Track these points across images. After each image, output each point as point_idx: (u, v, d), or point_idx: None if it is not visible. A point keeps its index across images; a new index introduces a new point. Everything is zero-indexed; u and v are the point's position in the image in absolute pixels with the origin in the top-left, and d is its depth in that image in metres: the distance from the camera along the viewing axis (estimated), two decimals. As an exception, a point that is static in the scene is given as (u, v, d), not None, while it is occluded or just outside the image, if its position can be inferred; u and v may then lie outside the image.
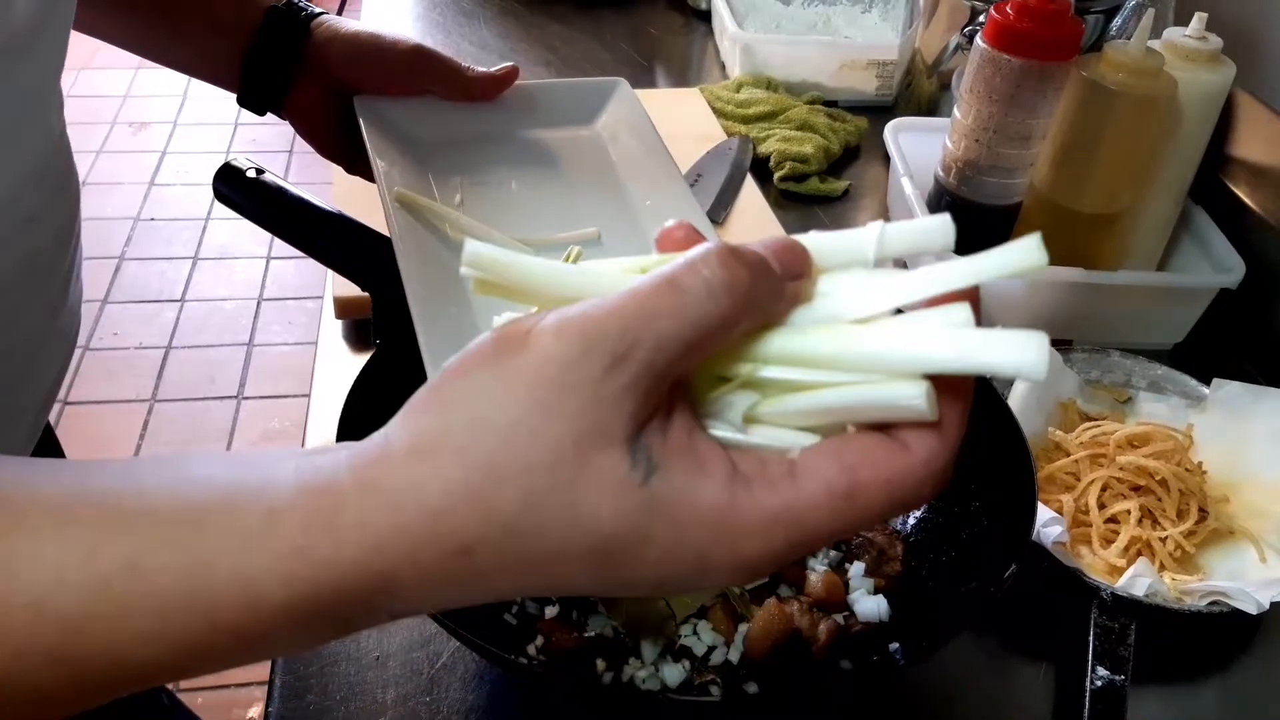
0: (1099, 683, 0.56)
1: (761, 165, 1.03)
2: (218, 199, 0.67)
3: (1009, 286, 0.81)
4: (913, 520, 0.62)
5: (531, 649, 0.54)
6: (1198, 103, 0.76)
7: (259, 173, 0.66)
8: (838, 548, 0.60)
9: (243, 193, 0.66)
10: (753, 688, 0.54)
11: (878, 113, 1.10)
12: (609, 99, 0.71)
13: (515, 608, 0.56)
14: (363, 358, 0.60)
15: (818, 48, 1.15)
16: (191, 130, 2.95)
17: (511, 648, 0.54)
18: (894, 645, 0.55)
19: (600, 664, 0.54)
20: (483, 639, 0.46)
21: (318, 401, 0.74)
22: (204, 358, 2.23)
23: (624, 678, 0.53)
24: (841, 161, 1.06)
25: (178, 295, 2.39)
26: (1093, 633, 0.58)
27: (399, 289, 0.54)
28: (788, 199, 1.00)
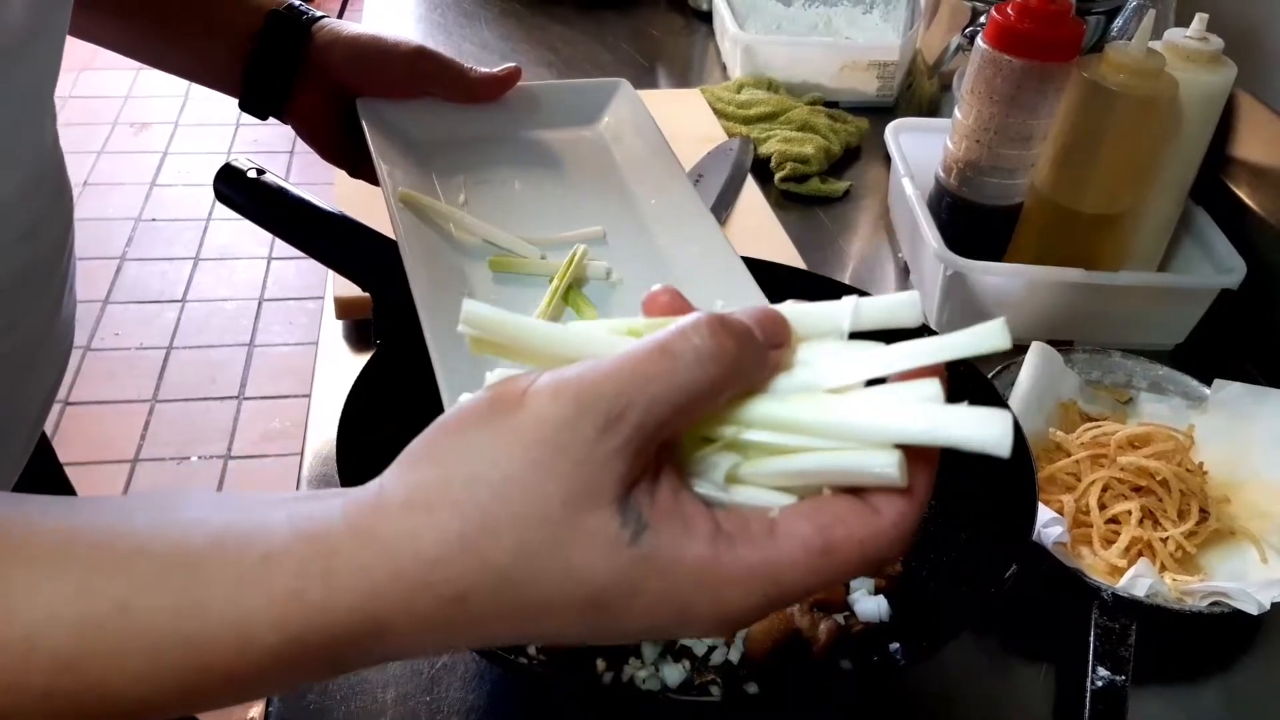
0: (1100, 683, 0.56)
1: (762, 166, 1.03)
2: (219, 199, 0.67)
3: (1010, 287, 0.81)
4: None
5: (531, 649, 0.54)
6: (1199, 103, 0.76)
7: (260, 173, 0.66)
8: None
9: (244, 193, 0.66)
10: (753, 688, 0.54)
11: (879, 113, 1.10)
12: (611, 99, 0.71)
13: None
14: (363, 358, 0.60)
15: (819, 49, 1.15)
16: (192, 131, 2.95)
17: (511, 648, 0.54)
18: (894, 645, 0.55)
19: (600, 664, 0.54)
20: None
21: (318, 402, 0.74)
22: (205, 358, 2.24)
23: (624, 678, 0.54)
24: (842, 162, 1.06)
25: (179, 296, 2.39)
26: (1093, 633, 0.58)
27: (400, 289, 0.53)
28: (788, 200, 1.00)
